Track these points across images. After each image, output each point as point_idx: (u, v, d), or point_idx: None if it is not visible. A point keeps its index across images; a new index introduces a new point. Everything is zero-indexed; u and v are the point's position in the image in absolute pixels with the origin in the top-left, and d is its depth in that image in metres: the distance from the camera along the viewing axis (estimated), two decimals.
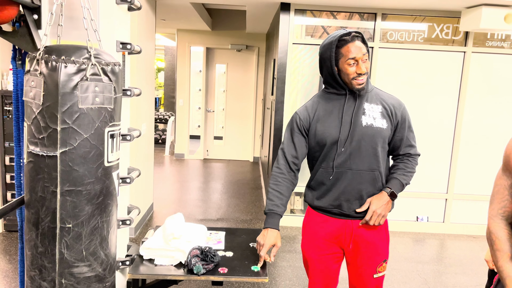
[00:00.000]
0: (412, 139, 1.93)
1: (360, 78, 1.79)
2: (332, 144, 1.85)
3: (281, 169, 1.94)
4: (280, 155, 1.95)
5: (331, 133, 1.85)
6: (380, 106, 1.87)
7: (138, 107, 4.08)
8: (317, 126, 1.88)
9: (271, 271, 3.53)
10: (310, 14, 4.39)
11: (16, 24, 1.53)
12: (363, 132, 1.82)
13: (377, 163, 1.86)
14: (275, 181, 1.93)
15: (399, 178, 1.89)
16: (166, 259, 1.87)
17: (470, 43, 4.39)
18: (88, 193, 1.39)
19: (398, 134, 1.90)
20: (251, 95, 7.78)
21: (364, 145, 1.83)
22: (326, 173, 1.89)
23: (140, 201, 4.32)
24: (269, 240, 1.82)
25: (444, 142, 4.58)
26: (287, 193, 1.93)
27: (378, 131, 1.83)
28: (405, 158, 1.93)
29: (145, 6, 4.20)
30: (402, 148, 1.92)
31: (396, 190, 1.86)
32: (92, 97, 1.35)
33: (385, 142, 1.87)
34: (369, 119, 1.84)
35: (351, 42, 1.77)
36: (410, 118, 1.92)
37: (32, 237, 1.41)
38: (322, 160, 1.90)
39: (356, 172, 1.85)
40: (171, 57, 11.06)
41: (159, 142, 9.08)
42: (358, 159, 1.84)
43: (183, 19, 6.18)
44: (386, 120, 1.85)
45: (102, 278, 1.49)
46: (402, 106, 1.91)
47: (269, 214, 1.90)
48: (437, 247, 4.29)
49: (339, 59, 1.79)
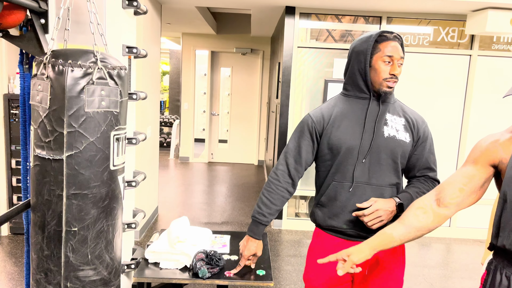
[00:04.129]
0: (432, 162, 1.74)
1: (392, 80, 1.64)
2: (348, 152, 1.67)
3: (278, 176, 1.75)
4: (281, 160, 1.77)
5: (348, 140, 1.67)
6: (403, 119, 1.72)
7: (144, 111, 4.10)
8: (333, 131, 1.69)
9: (276, 275, 3.52)
10: (315, 18, 4.39)
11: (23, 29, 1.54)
12: (384, 144, 1.66)
13: (398, 178, 1.71)
14: (269, 188, 1.76)
15: (412, 194, 1.68)
16: (171, 263, 1.87)
17: (476, 46, 4.38)
18: (94, 196, 1.39)
19: (416, 152, 1.72)
20: (256, 98, 7.78)
21: (385, 158, 1.67)
22: (340, 187, 1.69)
23: (145, 204, 4.32)
24: (248, 250, 1.78)
25: (451, 145, 4.56)
26: (278, 202, 1.74)
27: (401, 144, 1.68)
28: (422, 179, 1.74)
29: (151, 10, 4.22)
30: (420, 170, 1.74)
31: (405, 204, 1.65)
32: (98, 101, 1.36)
33: (405, 158, 1.71)
34: (391, 130, 1.68)
35: (392, 40, 1.63)
36: (432, 140, 1.76)
37: (38, 240, 1.41)
38: (335, 171, 1.70)
39: (376, 188, 1.67)
40: (176, 60, 11.09)
41: (164, 146, 9.10)
42: (378, 173, 1.67)
43: (188, 23, 6.20)
44: (409, 134, 1.70)
45: (108, 281, 1.49)
46: (425, 123, 1.76)
47: (254, 221, 1.77)
48: (443, 252, 4.25)
49: (374, 54, 1.64)
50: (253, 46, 7.52)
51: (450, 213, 1.38)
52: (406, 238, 1.39)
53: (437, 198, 1.39)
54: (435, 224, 1.39)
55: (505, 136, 1.33)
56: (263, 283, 1.77)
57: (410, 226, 1.39)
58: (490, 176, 1.36)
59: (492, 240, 1.34)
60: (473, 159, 1.37)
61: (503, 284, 1.30)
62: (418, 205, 1.41)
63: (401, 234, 1.38)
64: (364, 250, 1.38)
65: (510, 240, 1.26)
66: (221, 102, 7.91)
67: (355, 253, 1.37)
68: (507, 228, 1.27)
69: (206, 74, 7.79)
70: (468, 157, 1.41)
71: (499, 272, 1.32)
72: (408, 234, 1.38)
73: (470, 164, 1.38)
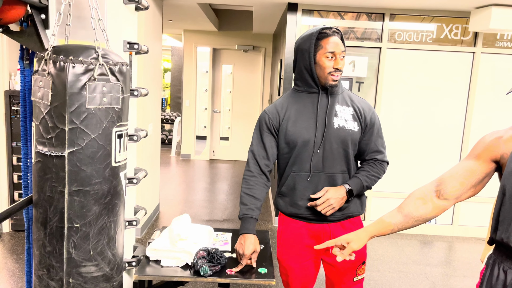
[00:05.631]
0: (380, 145, 1.90)
1: (336, 73, 1.76)
2: (304, 145, 1.80)
3: (252, 171, 1.87)
4: (250, 158, 1.89)
5: (303, 133, 1.80)
6: (351, 108, 1.85)
7: (145, 107, 4.09)
8: (288, 126, 1.83)
9: (277, 273, 3.51)
10: (317, 15, 4.37)
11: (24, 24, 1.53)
12: (335, 134, 1.80)
13: (348, 165, 1.85)
14: (247, 185, 1.86)
15: (361, 179, 1.85)
16: (173, 260, 1.86)
17: (479, 43, 4.35)
18: (96, 193, 1.39)
19: (365, 138, 1.87)
20: (258, 95, 7.77)
21: (336, 147, 1.81)
22: (298, 177, 1.83)
23: (146, 202, 4.32)
24: (247, 249, 1.79)
25: (453, 143, 4.54)
26: (260, 196, 1.86)
27: (350, 134, 1.81)
28: (371, 162, 1.90)
29: (152, 6, 4.21)
30: (369, 153, 1.89)
31: (354, 189, 1.82)
32: (100, 97, 1.35)
33: (356, 145, 1.85)
34: (341, 121, 1.81)
35: (332, 36, 1.75)
36: (380, 124, 1.90)
37: (40, 237, 1.41)
38: (293, 163, 1.84)
39: (330, 176, 1.83)
40: (177, 57, 11.08)
41: (166, 143, 9.10)
42: (331, 162, 1.82)
43: (190, 19, 6.19)
44: (357, 123, 1.84)
45: (110, 277, 1.48)
46: (372, 110, 1.89)
47: (244, 219, 1.84)
48: (446, 250, 4.25)
49: (317, 51, 1.76)
50: (255, 43, 7.50)
51: (449, 205, 1.42)
52: (404, 226, 1.43)
53: (437, 189, 1.42)
54: (433, 215, 1.43)
55: (509, 133, 1.34)
56: (265, 281, 1.76)
57: (409, 215, 1.42)
58: (491, 172, 1.38)
59: (491, 234, 1.35)
60: (476, 154, 1.39)
61: (500, 278, 1.30)
62: (418, 195, 1.44)
63: (399, 222, 1.43)
64: (363, 238, 1.43)
65: (508, 234, 1.27)
66: (223, 99, 7.90)
67: (355, 241, 1.41)
68: (505, 222, 1.28)
69: (208, 71, 7.78)
70: (471, 151, 1.43)
71: (497, 266, 1.33)
72: (405, 223, 1.43)
73: (472, 159, 1.40)
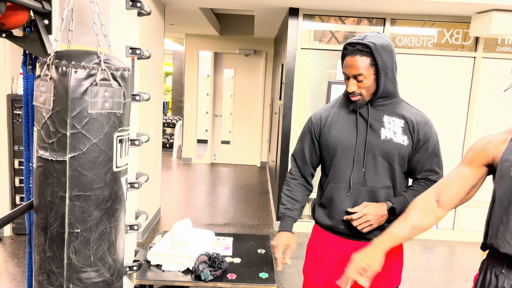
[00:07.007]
0: (435, 164, 1.71)
1: (352, 96, 1.65)
2: (344, 153, 1.69)
3: (293, 174, 1.86)
4: (292, 161, 1.88)
5: (344, 141, 1.69)
6: (403, 121, 1.68)
7: (146, 111, 4.10)
8: (330, 132, 1.72)
9: (278, 277, 3.50)
10: (319, 19, 4.38)
11: (27, 29, 1.54)
12: (380, 146, 1.66)
13: (394, 182, 1.69)
14: (288, 187, 1.85)
15: (407, 198, 1.68)
16: (174, 265, 1.86)
17: (480, 48, 4.36)
18: (97, 198, 1.39)
19: (417, 155, 1.69)
20: (259, 100, 7.77)
21: (381, 160, 1.67)
22: (337, 188, 1.71)
23: (148, 206, 4.32)
24: (281, 241, 1.72)
25: (454, 148, 4.54)
26: (300, 198, 1.82)
27: (398, 147, 1.66)
28: (423, 181, 1.72)
29: (154, 11, 4.22)
30: (421, 172, 1.71)
31: (397, 208, 1.65)
32: (102, 102, 1.35)
33: (404, 160, 1.69)
34: (389, 132, 1.67)
35: (349, 55, 1.60)
36: (437, 141, 1.71)
37: (41, 242, 1.41)
38: (333, 172, 1.73)
39: (372, 190, 1.68)
40: (179, 61, 11.10)
41: (167, 146, 9.10)
42: (374, 176, 1.68)
43: (191, 24, 6.21)
44: (407, 137, 1.67)
45: (110, 283, 1.48)
46: (429, 124, 1.70)
47: (282, 218, 1.81)
48: (447, 255, 4.23)
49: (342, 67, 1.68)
50: (256, 48, 7.51)
51: (446, 214, 1.47)
52: (410, 237, 1.47)
53: (437, 199, 1.45)
54: (432, 225, 1.47)
55: (500, 137, 1.37)
56: (266, 286, 1.76)
57: (415, 227, 1.46)
58: (484, 176, 1.42)
59: (483, 239, 1.39)
60: (468, 160, 1.43)
61: (492, 283, 1.32)
62: (421, 207, 1.46)
63: (406, 234, 1.45)
64: (380, 257, 1.43)
65: (497, 239, 1.30)
66: (224, 103, 7.90)
67: (374, 262, 1.41)
68: (494, 227, 1.31)
69: (209, 75, 7.80)
70: (463, 157, 1.46)
71: (489, 271, 1.35)
72: (412, 234, 1.46)
73: (465, 165, 1.43)
